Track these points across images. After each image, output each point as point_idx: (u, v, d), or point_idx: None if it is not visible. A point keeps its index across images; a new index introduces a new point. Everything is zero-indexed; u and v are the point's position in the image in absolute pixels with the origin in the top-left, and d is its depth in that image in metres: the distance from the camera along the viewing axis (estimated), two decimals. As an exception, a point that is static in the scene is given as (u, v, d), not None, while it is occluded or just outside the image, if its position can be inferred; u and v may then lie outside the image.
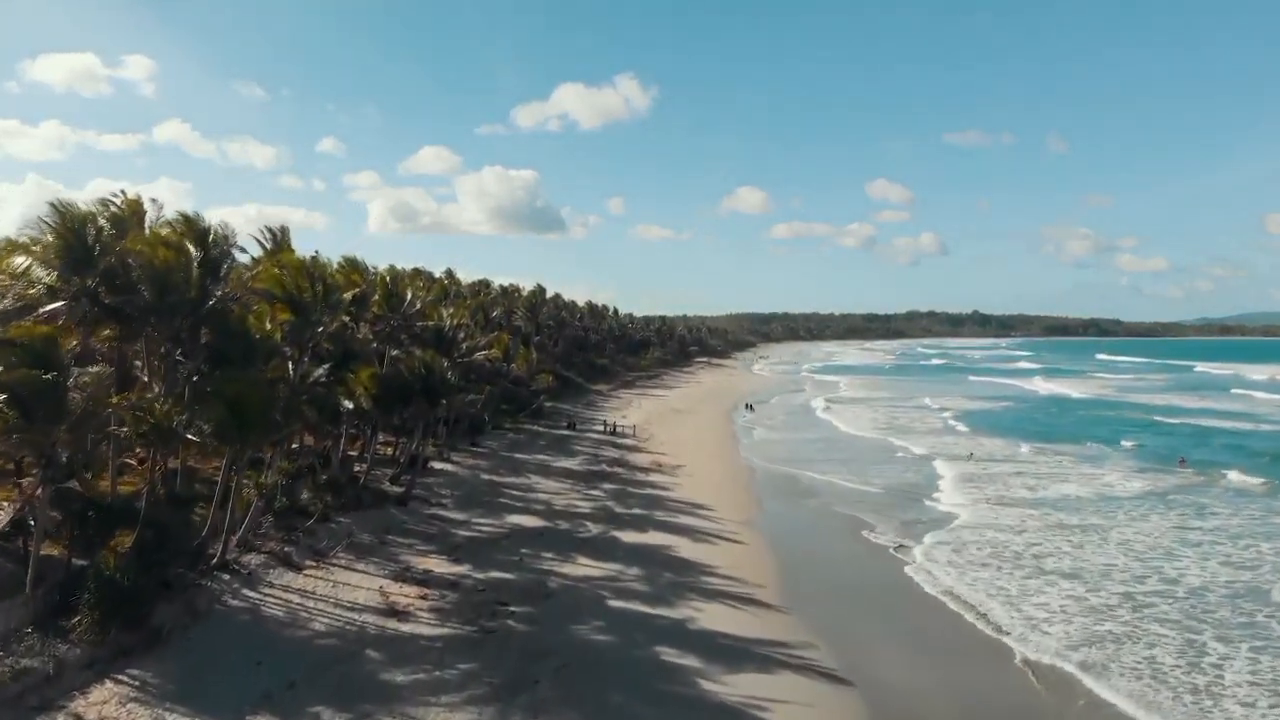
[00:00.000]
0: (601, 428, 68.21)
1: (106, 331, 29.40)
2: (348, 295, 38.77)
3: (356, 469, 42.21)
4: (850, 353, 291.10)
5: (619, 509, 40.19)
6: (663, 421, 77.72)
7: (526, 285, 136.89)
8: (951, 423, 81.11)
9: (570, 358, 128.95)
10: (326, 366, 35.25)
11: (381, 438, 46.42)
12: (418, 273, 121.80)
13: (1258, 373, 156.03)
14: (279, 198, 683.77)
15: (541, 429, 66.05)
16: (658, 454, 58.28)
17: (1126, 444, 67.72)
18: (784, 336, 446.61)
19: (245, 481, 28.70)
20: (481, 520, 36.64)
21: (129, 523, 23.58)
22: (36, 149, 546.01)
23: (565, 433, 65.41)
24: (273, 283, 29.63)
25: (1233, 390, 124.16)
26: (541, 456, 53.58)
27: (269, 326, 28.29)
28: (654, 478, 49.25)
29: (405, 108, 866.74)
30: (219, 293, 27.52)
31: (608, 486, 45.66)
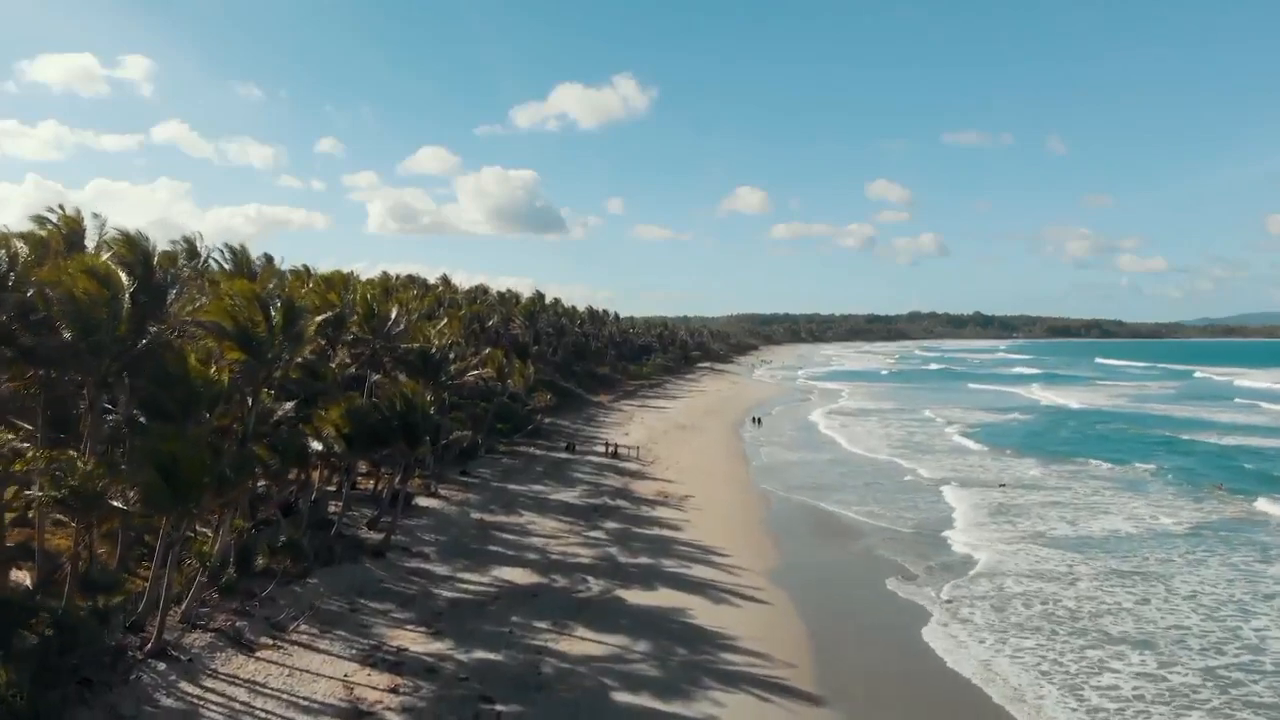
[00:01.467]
0: (602, 449, 64.09)
1: (30, 374, 25.28)
2: (318, 319, 34.70)
3: (332, 508, 38.16)
4: (850, 356, 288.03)
5: (623, 558, 36.03)
6: (667, 440, 73.59)
7: (526, 288, 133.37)
8: (962, 440, 76.53)
9: (570, 366, 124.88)
10: (291, 404, 31.25)
11: (364, 467, 42.45)
12: (411, 280, 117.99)
13: (1259, 379, 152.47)
14: (279, 198, 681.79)
15: (539, 451, 61.92)
16: (663, 480, 54.16)
17: (1155, 466, 63.53)
18: (786, 338, 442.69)
19: (191, 542, 24.61)
20: (468, 576, 32.49)
21: (32, 619, 19.47)
22: (35, 149, 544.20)
23: (564, 456, 61.28)
24: (221, 315, 25.50)
25: (1236, 400, 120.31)
26: (538, 487, 49.42)
27: (214, 368, 24.14)
28: (661, 512, 45.12)
29: (403, 108, 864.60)
30: (154, 329, 23.35)
31: (610, 526, 41.53)
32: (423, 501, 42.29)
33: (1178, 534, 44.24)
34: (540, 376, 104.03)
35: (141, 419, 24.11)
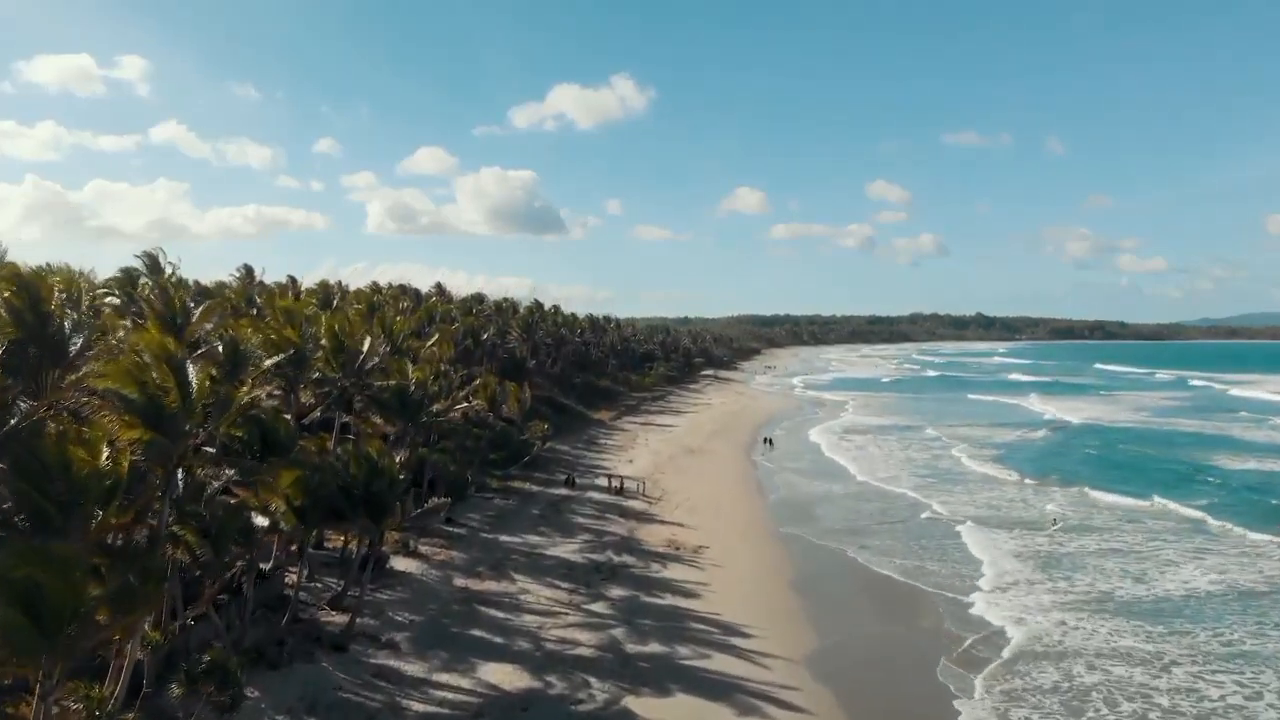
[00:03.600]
0: (605, 483, 58.57)
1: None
2: (268, 363, 29.28)
3: (289, 580, 32.75)
4: (852, 361, 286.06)
5: (631, 644, 30.41)
6: (674, 467, 68.10)
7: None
8: (980, 467, 70.25)
9: (570, 379, 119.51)
10: (232, 471, 25.81)
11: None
12: (403, 290, 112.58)
13: (1267, 388, 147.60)
14: (278, 198, 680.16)
15: (535, 487, 56.41)
16: (673, 524, 48.67)
17: (1205, 501, 57.91)
18: (788, 340, 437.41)
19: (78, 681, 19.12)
20: (445, 678, 26.90)
21: None
22: (33, 149, 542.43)
23: (563, 493, 55.73)
24: (123, 379, 19.99)
25: (1253, 414, 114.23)
26: (533, 538, 43.86)
27: (106, 453, 18.64)
28: (673, 571, 39.60)
29: (400, 108, 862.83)
30: (24, 406, 17.83)
31: (615, 593, 35.96)
32: (399, 564, 36.78)
33: (1262, 593, 38.89)
34: (538, 393, 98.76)
35: (20, 519, 18.61)
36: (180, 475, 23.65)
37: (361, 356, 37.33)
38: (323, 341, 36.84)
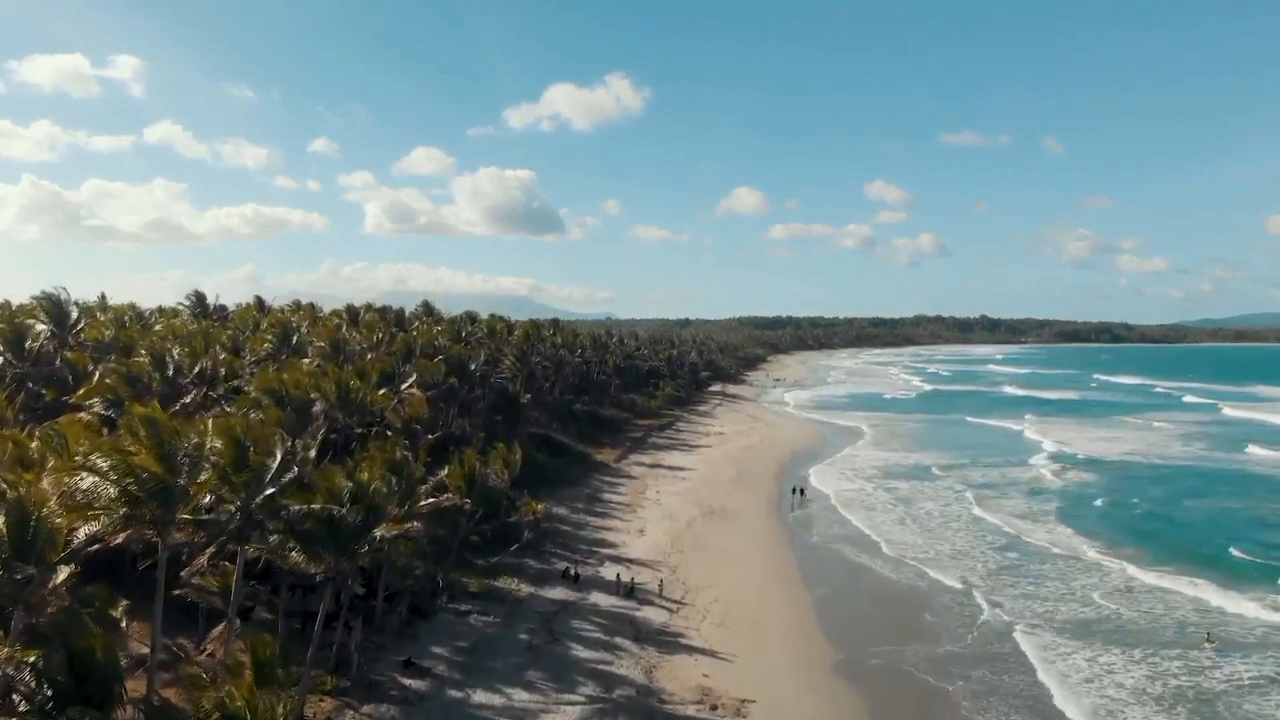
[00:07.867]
0: (613, 578, 47.30)
1: None
2: (88, 532, 18.16)
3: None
4: (858, 369, 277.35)
5: None
6: (694, 540, 57.02)
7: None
8: (1039, 539, 58.39)
9: (569, 406, 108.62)
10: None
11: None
12: (383, 316, 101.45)
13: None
14: (276, 198, 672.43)
15: (525, 587, 45.24)
16: (703, 654, 37.65)
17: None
18: (792, 345, 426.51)
19: None
20: None
21: None
22: (29, 150, 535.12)
23: (560, 595, 44.53)
24: None
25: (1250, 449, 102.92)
26: (519, 696, 32.48)
27: None
28: (712, 762, 28.46)
29: (396, 109, 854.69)
30: None
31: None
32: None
33: None
34: (535, 431, 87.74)
35: None
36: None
37: (272, 471, 26.12)
38: (215, 443, 25.65)
